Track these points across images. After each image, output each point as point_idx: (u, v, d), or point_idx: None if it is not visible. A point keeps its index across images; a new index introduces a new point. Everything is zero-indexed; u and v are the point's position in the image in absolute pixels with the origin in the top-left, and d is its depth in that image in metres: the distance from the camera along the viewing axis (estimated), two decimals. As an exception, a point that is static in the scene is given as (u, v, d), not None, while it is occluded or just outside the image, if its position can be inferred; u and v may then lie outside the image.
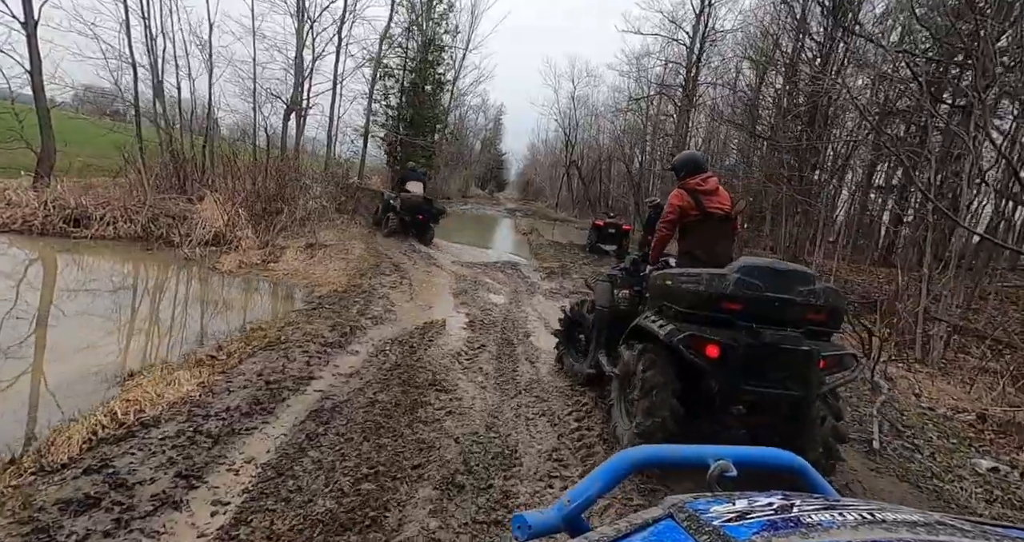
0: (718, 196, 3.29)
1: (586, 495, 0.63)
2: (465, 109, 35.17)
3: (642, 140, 24.64)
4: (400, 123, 15.95)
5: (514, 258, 11.45)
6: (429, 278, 7.50)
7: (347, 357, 3.96)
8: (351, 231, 9.99)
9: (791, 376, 2.49)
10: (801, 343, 2.47)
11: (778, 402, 2.61)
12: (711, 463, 0.67)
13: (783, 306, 2.50)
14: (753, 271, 2.55)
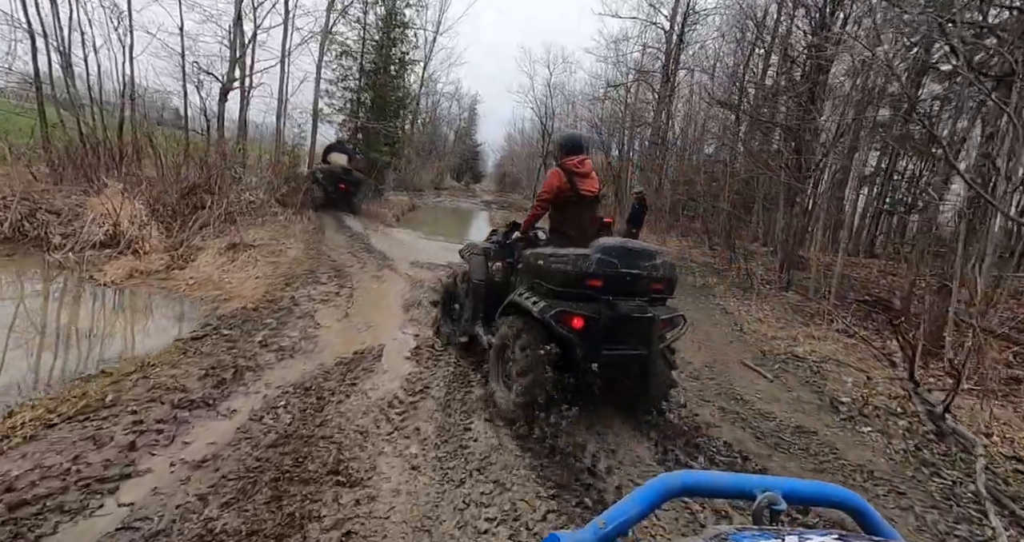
0: (590, 179, 3.45)
1: (622, 519, 0.59)
2: (438, 97, 33.48)
3: (621, 128, 23.46)
4: (360, 107, 14.37)
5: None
6: (377, 285, 6.14)
7: (212, 425, 2.61)
8: (292, 228, 8.52)
9: (638, 338, 2.90)
10: (646, 311, 2.85)
11: (629, 360, 2.98)
12: (758, 494, 0.62)
13: (634, 280, 2.86)
14: (611, 251, 2.85)
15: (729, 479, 0.65)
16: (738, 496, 0.64)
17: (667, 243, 14.28)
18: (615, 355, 2.90)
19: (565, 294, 2.86)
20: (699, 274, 10.64)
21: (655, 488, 0.62)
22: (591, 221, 3.56)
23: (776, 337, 5.98)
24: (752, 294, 8.95)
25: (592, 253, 2.84)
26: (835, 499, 0.68)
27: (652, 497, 0.62)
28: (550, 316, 2.79)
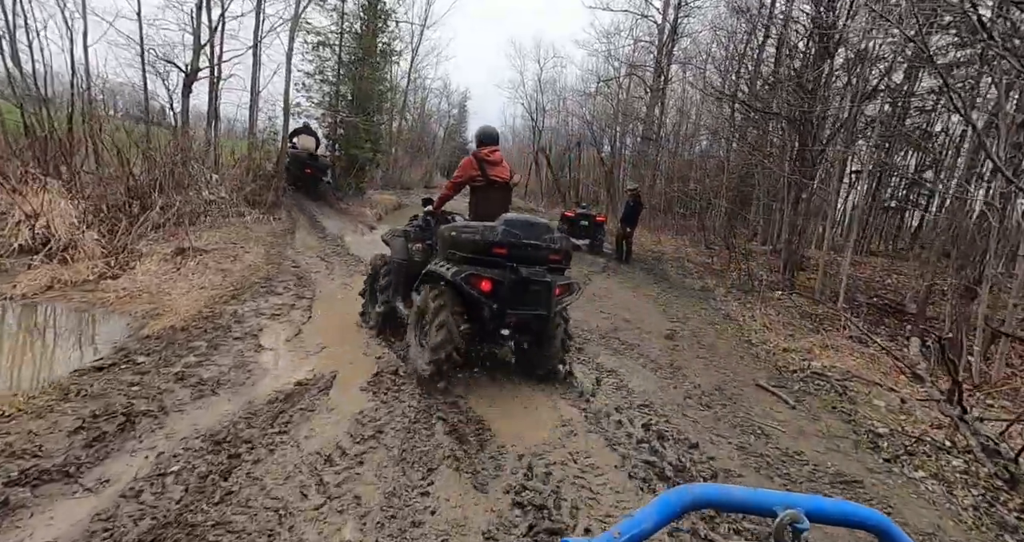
0: (500, 167, 3.80)
1: (638, 529, 0.57)
2: (426, 93, 32.61)
3: (613, 124, 22.80)
4: (339, 101, 13.58)
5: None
6: (344, 294, 5.41)
7: (61, 509, 1.89)
8: (257, 230, 7.76)
9: (539, 301, 3.29)
10: (544, 276, 3.29)
11: (531, 319, 3.36)
12: (779, 511, 0.59)
13: (534, 250, 3.30)
14: (514, 224, 3.30)
15: (751, 494, 0.62)
16: (759, 513, 0.61)
17: (662, 242, 13.65)
18: (519, 314, 3.28)
19: (474, 261, 3.24)
20: (697, 275, 10.01)
21: (674, 500, 0.60)
22: (504, 204, 3.85)
23: (789, 349, 5.33)
24: (754, 297, 8.33)
25: (498, 225, 3.28)
26: (861, 519, 0.64)
27: (670, 509, 0.59)
28: (461, 278, 3.13)
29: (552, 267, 3.38)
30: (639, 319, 6.02)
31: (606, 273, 9.13)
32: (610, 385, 3.85)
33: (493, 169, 3.77)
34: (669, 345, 5.10)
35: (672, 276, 9.74)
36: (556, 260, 3.42)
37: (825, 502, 0.64)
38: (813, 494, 0.66)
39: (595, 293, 7.22)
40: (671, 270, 10.38)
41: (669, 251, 12.50)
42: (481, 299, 3.17)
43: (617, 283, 8.34)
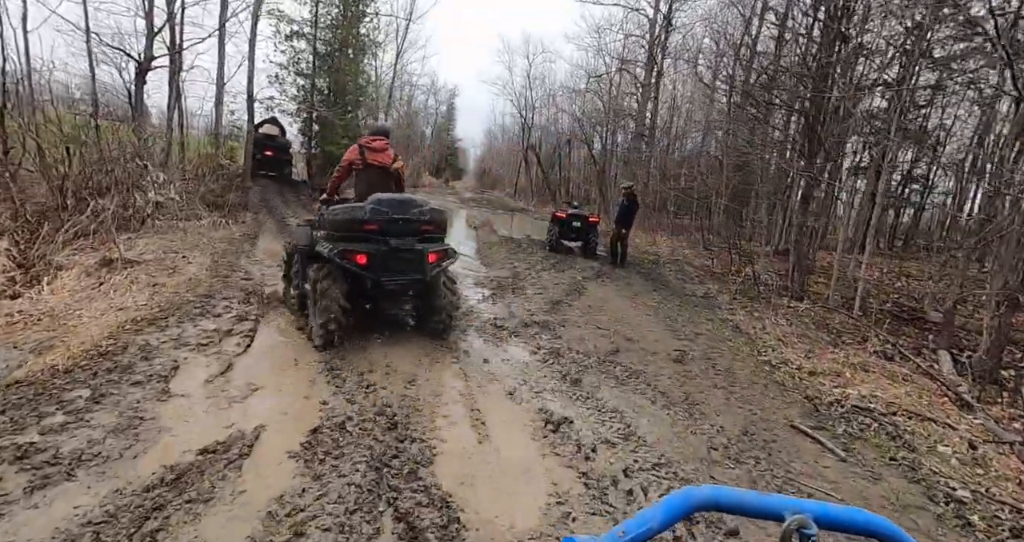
0: (381, 153, 4.21)
1: (643, 529, 0.57)
2: (412, 90, 31.64)
3: (605, 121, 22.03)
4: (314, 94, 12.65)
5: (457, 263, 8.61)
6: (299, 314, 4.57)
7: None
8: (213, 235, 6.86)
9: (412, 267, 3.77)
10: (415, 245, 3.75)
11: (408, 284, 3.85)
12: (787, 516, 0.59)
13: (405, 223, 3.72)
14: (382, 202, 3.70)
15: (758, 498, 0.62)
16: (766, 517, 0.61)
17: (658, 243, 12.91)
18: (396, 281, 3.71)
19: (350, 237, 3.62)
20: (698, 280, 9.26)
21: (680, 500, 0.60)
22: (384, 187, 4.11)
23: (816, 372, 4.58)
24: (762, 304, 7.60)
25: (366, 205, 3.65)
26: (870, 526, 0.63)
27: (676, 509, 0.59)
28: (335, 254, 3.53)
29: (426, 237, 3.88)
30: (642, 336, 5.24)
31: (600, 279, 8.35)
32: (615, 432, 3.05)
33: (373, 155, 4.17)
34: (680, 371, 4.32)
35: (671, 281, 8.99)
36: (429, 230, 3.88)
37: (834, 508, 0.62)
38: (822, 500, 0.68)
39: (590, 304, 6.44)
40: (670, 274, 9.64)
41: (666, 253, 11.76)
42: (359, 271, 3.61)
43: (614, 290, 7.56)
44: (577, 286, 7.42)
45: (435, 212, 3.97)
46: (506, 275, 7.64)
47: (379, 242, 3.65)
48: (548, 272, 8.29)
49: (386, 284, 3.72)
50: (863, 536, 0.63)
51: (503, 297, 6.33)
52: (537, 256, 9.74)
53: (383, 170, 4.21)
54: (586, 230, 10.61)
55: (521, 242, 11.62)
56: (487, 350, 4.36)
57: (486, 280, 7.18)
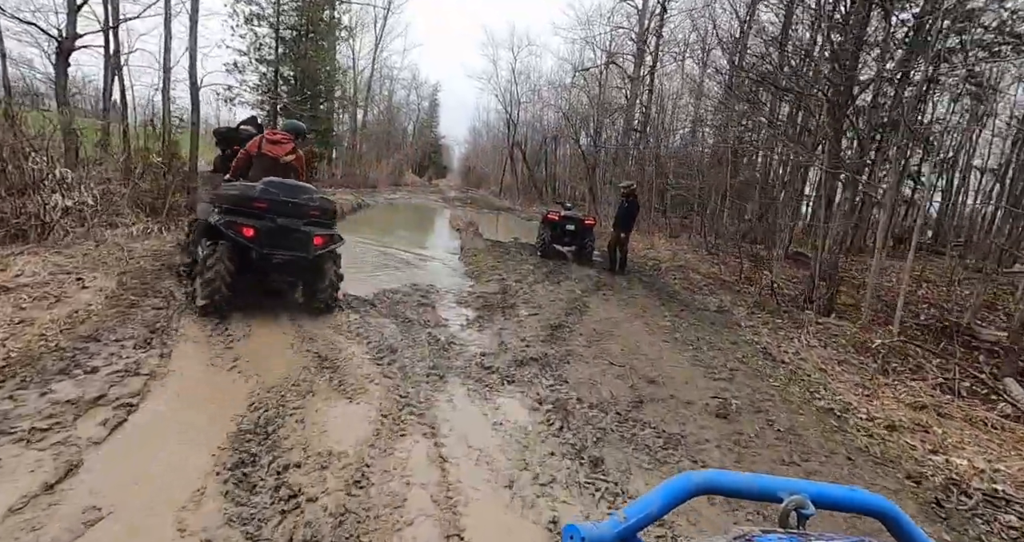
0: (278, 146, 4.66)
1: (644, 513, 0.57)
2: (392, 84, 30.17)
3: (593, 117, 20.95)
4: (279, 84, 11.30)
5: (433, 273, 7.43)
6: (225, 366, 3.35)
7: None
8: (136, 247, 5.56)
9: (297, 246, 4.17)
10: (301, 227, 4.17)
11: (293, 260, 4.23)
12: (784, 497, 0.60)
13: (294, 206, 4.16)
14: (273, 184, 4.17)
15: (756, 480, 0.62)
16: (764, 498, 0.62)
17: (656, 246, 11.88)
18: (281, 256, 4.15)
19: (240, 212, 4.03)
20: (707, 290, 8.23)
21: (680, 485, 0.60)
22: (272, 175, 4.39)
23: (894, 425, 3.54)
24: (786, 321, 6.60)
25: (258, 185, 4.16)
26: (867, 505, 0.64)
27: (676, 493, 0.59)
28: (223, 224, 3.95)
29: (314, 221, 4.28)
30: (666, 374, 4.15)
31: (601, 292, 7.25)
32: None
33: (270, 146, 4.60)
34: (729, 433, 3.23)
35: (679, 292, 7.94)
36: (316, 215, 4.30)
37: (830, 488, 0.63)
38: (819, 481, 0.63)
39: (595, 327, 5.33)
40: (675, 283, 8.59)
41: (666, 257, 10.73)
42: (245, 243, 3.99)
43: (619, 306, 6.47)
44: (577, 302, 6.30)
45: (325, 201, 4.45)
46: (494, 290, 6.49)
47: (267, 219, 4.03)
48: (542, 285, 7.16)
49: (271, 257, 4.11)
50: (860, 514, 0.63)
51: (492, 321, 5.18)
52: (528, 264, 8.60)
53: (274, 161, 4.60)
54: (581, 234, 9.51)
55: (509, 247, 10.47)
56: (472, 407, 3.22)
57: (471, 298, 6.02)
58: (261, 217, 4.02)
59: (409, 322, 4.77)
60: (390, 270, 7.39)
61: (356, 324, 4.50)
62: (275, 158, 4.66)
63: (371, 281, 6.53)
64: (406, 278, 6.86)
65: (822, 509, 0.60)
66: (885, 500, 0.64)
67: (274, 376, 3.27)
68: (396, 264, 7.91)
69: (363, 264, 7.70)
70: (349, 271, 7.35)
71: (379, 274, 7.03)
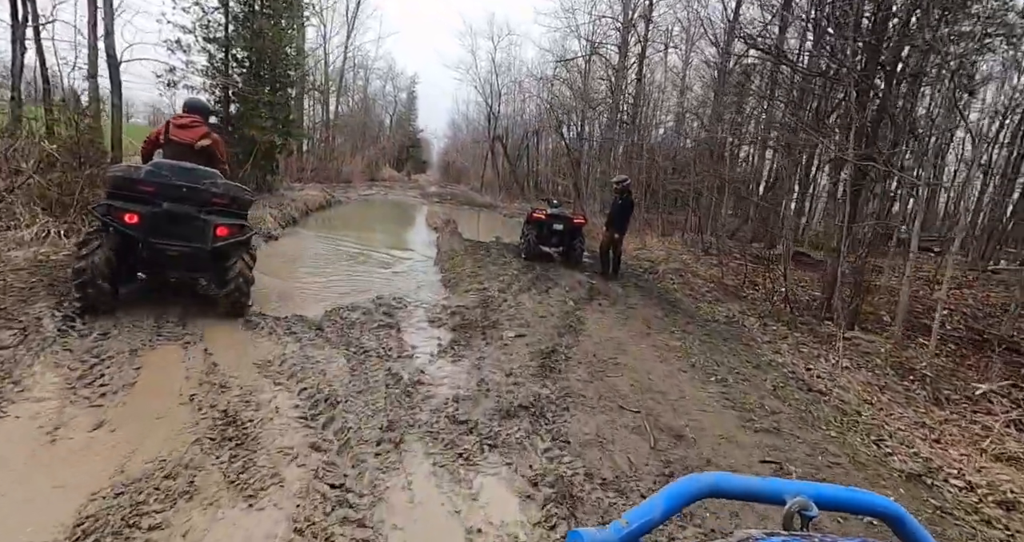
0: (186, 131, 4.10)
1: (646, 518, 0.55)
2: (367, 74, 28.65)
3: (578, 109, 19.97)
4: (230, 66, 10.01)
5: (403, 281, 6.35)
6: (71, 435, 2.26)
7: None
8: (11, 256, 4.34)
9: (193, 236, 3.67)
10: (198, 214, 3.65)
11: (186, 252, 3.69)
12: (788, 499, 0.58)
13: (190, 191, 3.65)
14: (163, 166, 3.69)
15: (759, 483, 0.61)
16: (768, 501, 0.60)
17: (648, 245, 10.99)
18: (174, 248, 3.65)
19: (124, 197, 3.54)
20: (711, 296, 7.36)
21: (683, 489, 0.59)
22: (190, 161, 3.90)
23: (1010, 499, 2.65)
24: (805, 334, 5.75)
25: (145, 166, 3.70)
26: (871, 506, 0.63)
27: (679, 498, 0.58)
28: (97, 209, 3.56)
29: (218, 209, 3.78)
30: (696, 424, 3.20)
31: (597, 302, 6.30)
32: None
33: (177, 131, 4.08)
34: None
35: (681, 301, 7.04)
36: (221, 203, 3.80)
37: (835, 489, 0.62)
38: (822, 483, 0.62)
39: (596, 352, 4.35)
40: (675, 289, 7.69)
41: (660, 257, 9.85)
42: (127, 231, 3.50)
43: (619, 321, 5.52)
44: (570, 317, 5.33)
45: (232, 188, 3.96)
46: (473, 303, 5.46)
47: (153, 205, 3.57)
48: (528, 294, 6.16)
49: (160, 248, 3.64)
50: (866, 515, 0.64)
51: (469, 346, 4.16)
52: (512, 269, 7.58)
53: (185, 147, 4.06)
54: (569, 234, 8.54)
55: (490, 248, 9.44)
56: (439, 498, 2.21)
57: (445, 314, 4.98)
58: (149, 202, 3.55)
59: (364, 353, 3.72)
60: (353, 277, 6.30)
61: (292, 359, 3.43)
62: (188, 144, 4.06)
63: (327, 292, 5.44)
64: (370, 287, 5.78)
65: (826, 511, 0.59)
66: (889, 501, 0.63)
67: (145, 455, 2.20)
68: (361, 270, 6.81)
69: (322, 270, 6.58)
70: (304, 279, 6.24)
71: (339, 282, 5.93)
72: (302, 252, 7.81)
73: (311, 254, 7.71)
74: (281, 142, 11.23)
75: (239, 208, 4.02)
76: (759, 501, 0.61)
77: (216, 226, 3.72)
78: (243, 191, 4.11)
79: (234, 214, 3.93)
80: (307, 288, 5.57)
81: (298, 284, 5.68)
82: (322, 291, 5.49)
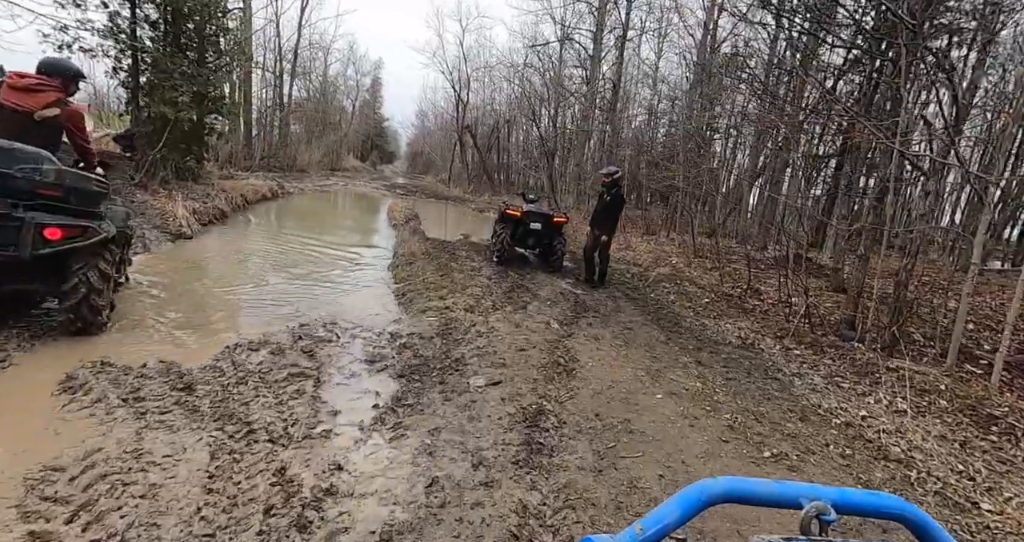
0: (26, 94, 3.01)
1: (661, 524, 0.53)
2: (327, 56, 26.41)
3: (550, 98, 18.65)
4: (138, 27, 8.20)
5: (344, 295, 4.91)
6: None
7: None
8: None
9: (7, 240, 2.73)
10: (9, 212, 2.74)
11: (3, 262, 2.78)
12: (805, 503, 0.56)
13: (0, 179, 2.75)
14: None
15: (775, 487, 0.58)
16: (784, 505, 0.58)
17: (633, 246, 9.84)
18: None
19: None
20: (715, 311, 6.24)
21: (696, 494, 0.56)
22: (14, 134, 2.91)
23: None
24: (841, 363, 4.70)
25: None
26: (891, 510, 0.60)
27: (693, 503, 0.56)
28: None
29: (46, 204, 2.90)
30: None
31: (586, 320, 5.07)
32: None
33: (13, 94, 2.98)
34: None
35: (683, 316, 5.89)
36: (52, 196, 2.94)
37: (853, 493, 0.60)
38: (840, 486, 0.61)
39: (599, 411, 3.09)
40: (673, 302, 6.54)
41: (648, 260, 8.72)
42: None
43: (618, 351, 4.29)
44: (558, 349, 4.06)
45: (71, 176, 3.00)
46: (431, 329, 4.11)
47: None
48: (503, 312, 4.85)
49: None
50: (885, 519, 0.60)
51: (420, 406, 2.84)
52: (481, 276, 6.25)
53: (21, 117, 2.96)
54: (549, 234, 7.26)
55: (457, 249, 8.06)
56: None
57: (392, 348, 3.62)
58: None
59: (248, 435, 2.34)
60: (277, 292, 4.82)
61: (112, 457, 2.02)
62: (25, 113, 2.99)
63: (235, 316, 3.98)
64: (297, 306, 4.35)
65: (844, 515, 0.57)
66: (909, 504, 0.60)
67: None
68: (290, 281, 5.32)
69: (237, 280, 5.06)
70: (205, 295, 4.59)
71: (255, 300, 4.46)
72: (218, 256, 6.23)
73: (231, 259, 6.14)
74: (208, 123, 9.46)
75: (83, 203, 3.15)
76: (776, 506, 0.58)
77: (42, 227, 2.82)
78: (88, 180, 3.20)
79: (74, 210, 3.06)
80: (205, 309, 4.09)
81: (192, 303, 4.18)
82: (227, 314, 4.02)
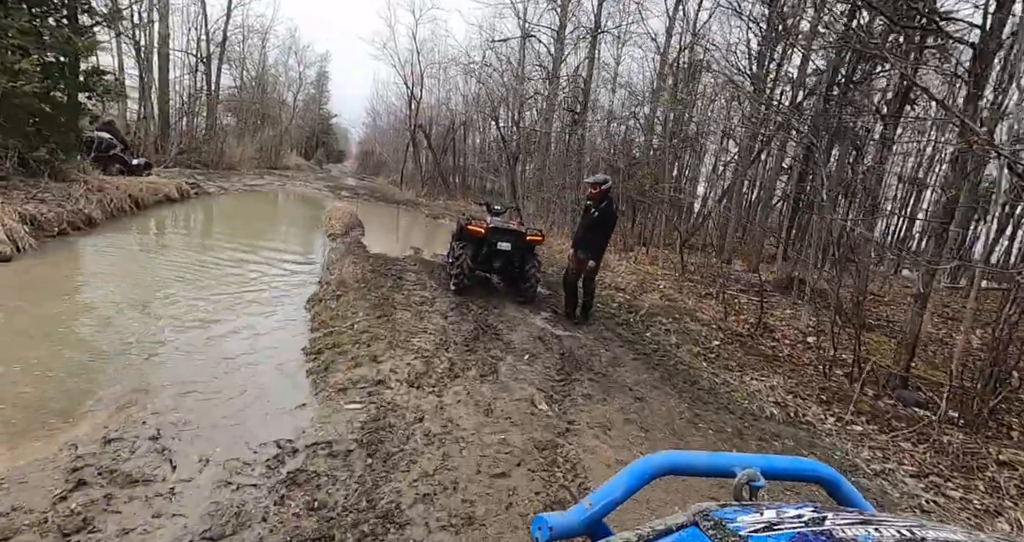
0: None
1: (608, 499, 0.58)
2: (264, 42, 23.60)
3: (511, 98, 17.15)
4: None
5: (225, 364, 3.10)
6: None
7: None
8: None
9: None
10: None
11: None
12: (738, 471, 0.61)
13: None
14: None
15: (710, 458, 0.63)
16: (719, 474, 0.63)
17: (611, 264, 8.46)
18: None
19: None
20: (728, 357, 4.89)
21: (641, 468, 0.60)
22: None
23: None
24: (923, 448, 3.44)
25: None
26: (809, 472, 0.66)
27: (638, 477, 0.59)
28: None
29: None
30: None
31: (579, 384, 3.53)
32: None
33: None
34: None
35: (698, 371, 4.48)
36: None
37: (778, 460, 0.64)
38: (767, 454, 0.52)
39: None
40: (677, 347, 5.14)
41: (632, 284, 7.34)
42: None
43: (632, 438, 2.77)
44: (556, 461, 2.48)
45: None
46: (349, 433, 2.41)
47: None
48: (464, 382, 3.22)
49: None
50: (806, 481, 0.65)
51: None
52: (434, 313, 4.59)
53: None
54: (520, 257, 5.70)
55: (405, 270, 6.31)
56: None
57: (267, 489, 1.89)
58: None
59: None
60: (114, 345, 2.92)
61: None
62: None
63: (45, 392, 2.10)
64: (127, 380, 2.50)
65: (772, 479, 0.60)
66: (826, 466, 0.66)
67: None
68: (142, 325, 3.38)
69: (51, 329, 3.09)
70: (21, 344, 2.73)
71: (65, 366, 2.56)
72: (42, 284, 4.18)
73: (60, 289, 4.11)
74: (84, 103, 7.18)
75: None
76: (712, 475, 0.62)
77: None
78: None
79: None
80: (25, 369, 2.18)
81: None
82: (40, 383, 2.14)
